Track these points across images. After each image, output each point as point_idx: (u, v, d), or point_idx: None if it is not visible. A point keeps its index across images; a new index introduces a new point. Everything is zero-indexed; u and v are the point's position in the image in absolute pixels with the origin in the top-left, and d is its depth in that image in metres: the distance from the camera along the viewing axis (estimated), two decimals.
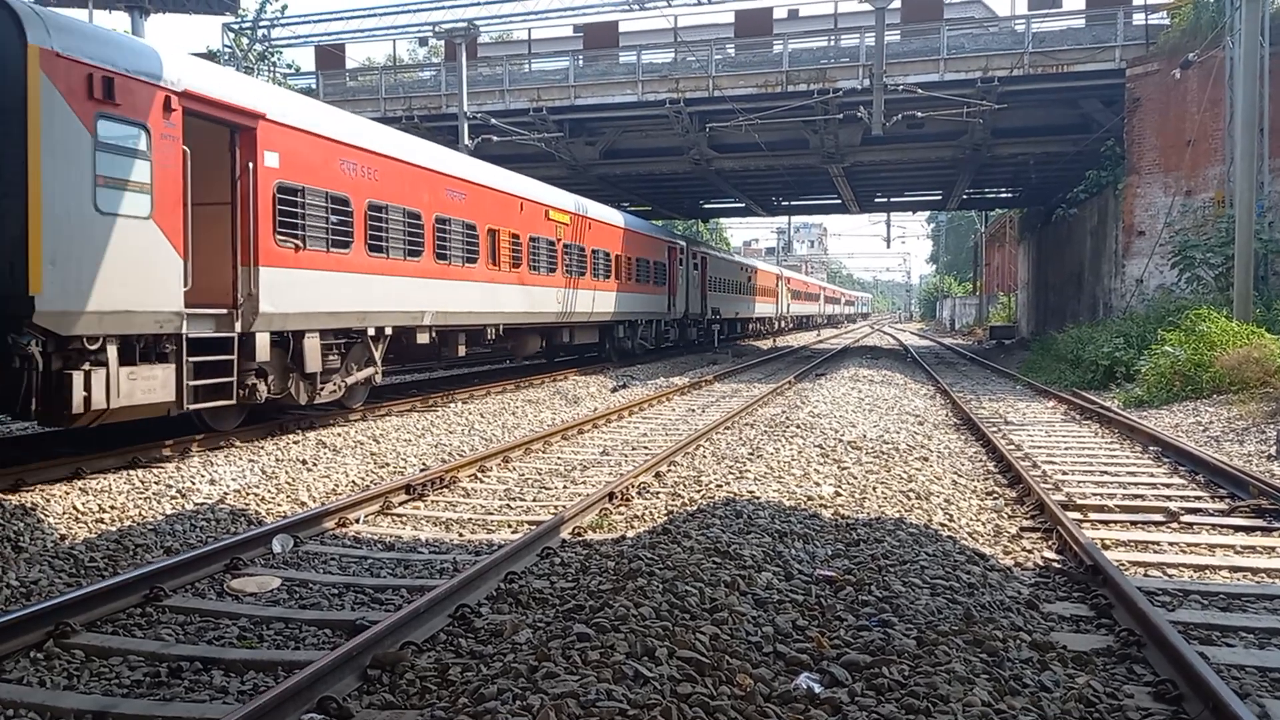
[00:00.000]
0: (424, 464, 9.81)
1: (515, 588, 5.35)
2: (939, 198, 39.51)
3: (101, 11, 21.91)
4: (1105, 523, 7.30)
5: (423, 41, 46.90)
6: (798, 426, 11.29)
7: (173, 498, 7.58)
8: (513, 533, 7.03)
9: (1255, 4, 16.73)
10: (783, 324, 54.54)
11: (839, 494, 7.58)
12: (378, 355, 12.24)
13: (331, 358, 11.27)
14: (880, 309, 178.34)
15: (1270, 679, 4.25)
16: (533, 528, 6.82)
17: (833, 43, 25.87)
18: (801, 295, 63.42)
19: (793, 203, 41.70)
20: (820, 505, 7.14)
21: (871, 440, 10.35)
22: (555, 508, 7.75)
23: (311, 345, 10.64)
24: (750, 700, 3.53)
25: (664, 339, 27.07)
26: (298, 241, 10.25)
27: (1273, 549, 6.49)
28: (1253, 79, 16.71)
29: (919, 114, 22.34)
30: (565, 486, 8.75)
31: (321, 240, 10.71)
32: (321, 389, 11.12)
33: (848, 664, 3.88)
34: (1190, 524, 7.19)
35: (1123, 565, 5.95)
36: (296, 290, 10.25)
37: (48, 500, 7.04)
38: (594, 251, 20.25)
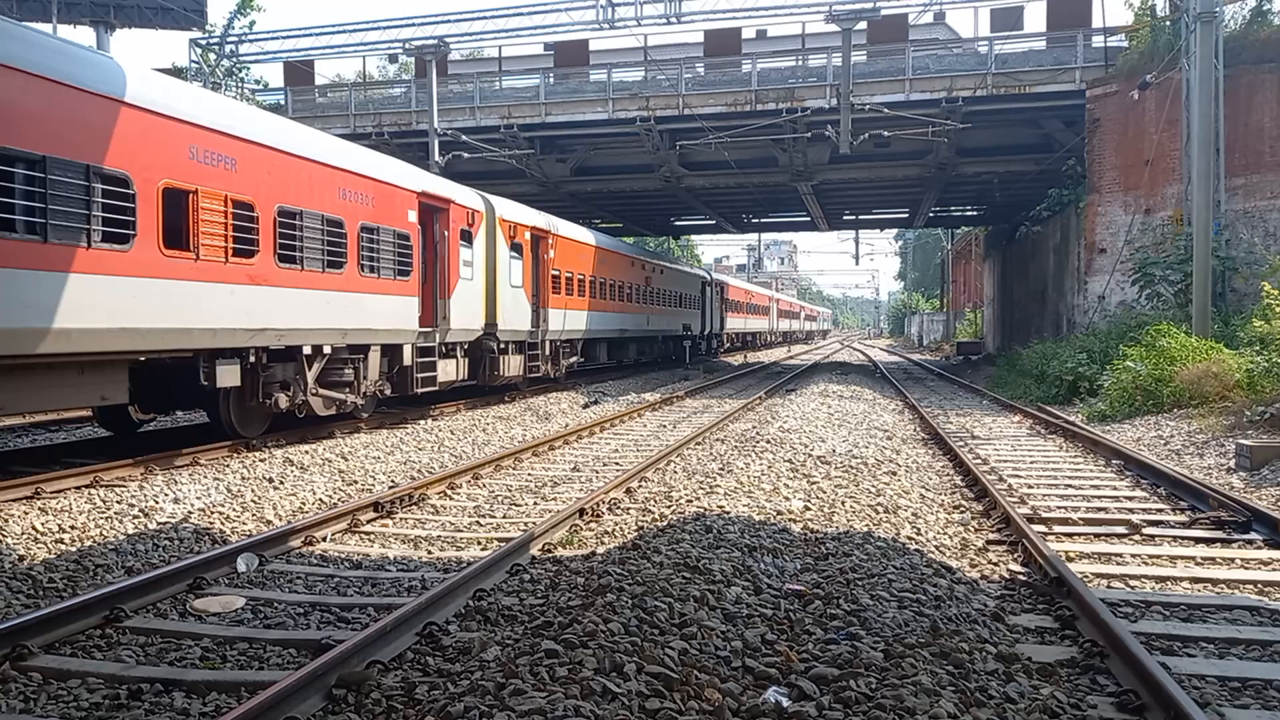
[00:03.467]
0: (393, 481, 9.73)
1: (484, 605, 5.31)
2: (906, 215, 40.03)
3: (66, 25, 21.70)
4: (1069, 535, 7.39)
5: (393, 58, 46.89)
6: (768, 441, 11.34)
7: (135, 517, 7.45)
8: (482, 550, 6.98)
9: (1210, 27, 17.18)
10: (713, 345, 42.00)
11: (808, 508, 7.62)
12: None
13: None
14: (850, 325, 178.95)
15: (1230, 688, 4.32)
16: (502, 544, 6.78)
17: (800, 63, 26.16)
18: (743, 308, 50.85)
19: (763, 220, 42.00)
20: (790, 520, 7.17)
21: (841, 455, 10.42)
22: (525, 524, 7.72)
23: None
24: (718, 715, 3.54)
25: (416, 380, 14.24)
26: None
27: (1232, 560, 6.61)
28: (1209, 100, 17.14)
29: (885, 133, 22.65)
30: (536, 503, 8.72)
31: None
32: None
33: (816, 677, 3.90)
34: (1152, 536, 7.31)
35: (1086, 577, 6.03)
36: None
37: (6, 520, 6.90)
38: (111, 180, 8.47)
